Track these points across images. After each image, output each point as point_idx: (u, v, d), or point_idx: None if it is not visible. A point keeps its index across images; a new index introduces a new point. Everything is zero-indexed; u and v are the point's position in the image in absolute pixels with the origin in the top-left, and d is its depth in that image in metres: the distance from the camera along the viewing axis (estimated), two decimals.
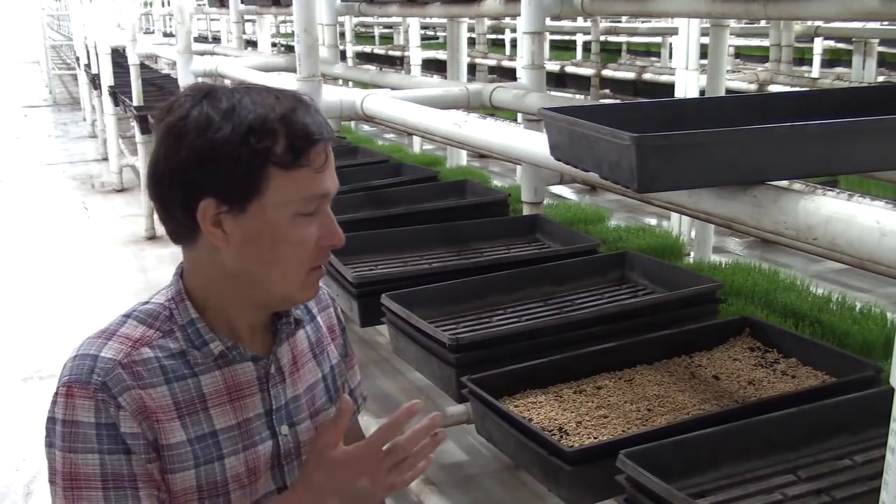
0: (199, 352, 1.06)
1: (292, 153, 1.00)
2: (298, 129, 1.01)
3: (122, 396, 1.00)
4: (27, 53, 21.81)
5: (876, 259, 0.92)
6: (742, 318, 1.98)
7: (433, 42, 10.02)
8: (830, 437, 1.47)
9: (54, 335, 4.07)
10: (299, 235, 1.03)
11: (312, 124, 1.02)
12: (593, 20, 6.93)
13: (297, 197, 1.02)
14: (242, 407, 1.09)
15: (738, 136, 1.07)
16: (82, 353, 1.03)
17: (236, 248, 1.02)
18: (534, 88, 2.50)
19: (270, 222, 1.01)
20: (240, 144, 0.98)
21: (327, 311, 1.27)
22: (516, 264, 2.28)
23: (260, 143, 0.99)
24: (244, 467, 1.08)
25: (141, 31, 7.81)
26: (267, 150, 0.99)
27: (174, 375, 1.05)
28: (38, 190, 7.38)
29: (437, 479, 2.41)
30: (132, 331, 1.06)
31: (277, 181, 1.00)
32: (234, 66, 3.85)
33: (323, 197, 1.04)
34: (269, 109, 1.00)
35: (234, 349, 1.08)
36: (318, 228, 1.05)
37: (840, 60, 6.94)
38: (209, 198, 1.00)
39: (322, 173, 1.03)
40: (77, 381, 1.00)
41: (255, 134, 0.99)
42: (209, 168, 0.99)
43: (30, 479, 2.88)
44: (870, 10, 1.70)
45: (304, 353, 1.19)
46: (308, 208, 1.03)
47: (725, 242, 4.85)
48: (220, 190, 1.00)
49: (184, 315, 1.07)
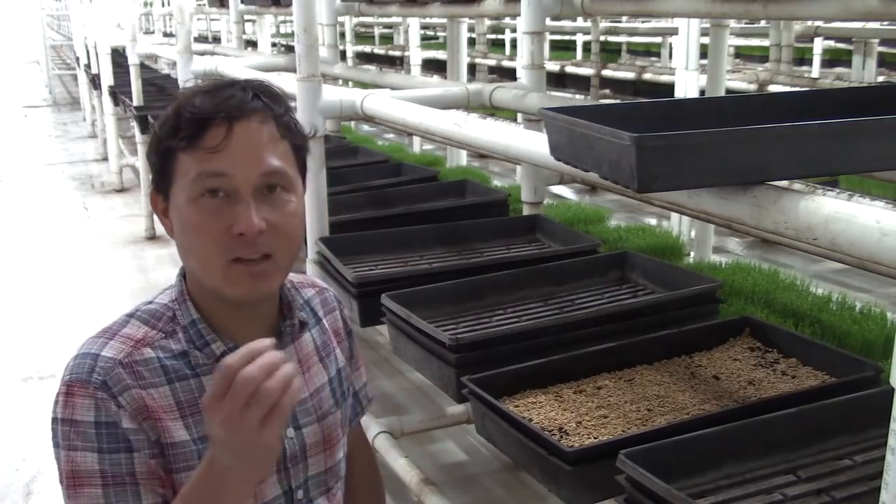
0: (201, 352, 1.06)
1: (188, 133, 1.00)
2: (190, 111, 1.00)
3: (121, 396, 1.00)
4: (27, 53, 21.80)
5: (876, 259, 0.92)
6: (742, 318, 1.98)
7: (433, 42, 10.00)
8: (830, 437, 1.47)
9: (54, 335, 4.07)
10: (200, 220, 1.00)
11: (214, 104, 1.00)
12: (593, 20, 6.93)
13: (190, 178, 1.00)
14: None
15: (738, 136, 1.07)
16: (83, 352, 1.03)
17: (176, 239, 1.06)
18: (534, 88, 2.50)
19: (178, 207, 1.03)
20: (156, 135, 1.04)
21: (333, 314, 1.26)
22: (516, 264, 2.27)
23: (163, 129, 1.02)
24: None
25: (141, 31, 7.81)
26: (170, 136, 1.01)
27: (176, 376, 1.04)
28: (38, 190, 7.37)
29: (437, 479, 2.41)
30: (134, 331, 1.06)
31: (182, 165, 1.02)
32: (233, 66, 3.85)
33: (216, 176, 1.00)
34: (184, 96, 1.03)
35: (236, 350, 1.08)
36: (229, 215, 1.00)
37: (840, 60, 6.94)
38: (153, 189, 1.07)
39: (218, 153, 0.99)
40: (77, 380, 1.00)
41: (165, 122, 1.03)
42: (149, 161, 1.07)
43: (30, 479, 2.88)
44: (870, 10, 1.70)
45: (310, 356, 1.18)
46: (201, 189, 1.00)
47: (725, 242, 4.84)
48: (154, 180, 1.06)
49: (186, 316, 1.08)
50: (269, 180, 1.02)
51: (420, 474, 2.12)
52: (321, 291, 1.26)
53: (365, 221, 2.74)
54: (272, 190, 1.03)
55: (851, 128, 1.09)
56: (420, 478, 2.10)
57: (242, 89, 1.03)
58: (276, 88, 1.08)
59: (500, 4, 2.85)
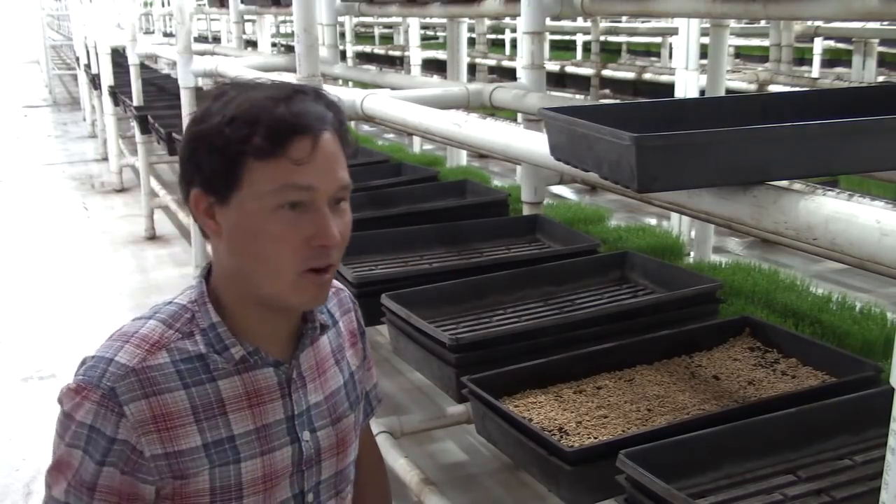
0: (220, 356, 1.05)
1: (269, 143, 0.98)
2: (277, 119, 0.98)
3: (128, 406, 1.00)
4: (27, 53, 21.81)
5: (876, 259, 0.92)
6: (742, 318, 1.98)
7: (433, 42, 10.01)
8: (830, 437, 1.47)
9: (54, 335, 4.06)
10: (280, 230, 0.99)
11: (297, 115, 0.99)
12: (593, 20, 6.93)
13: (272, 188, 0.99)
14: (262, 412, 1.08)
15: (738, 136, 1.07)
16: (100, 354, 1.03)
17: (226, 241, 1.03)
18: (534, 88, 2.50)
19: (250, 214, 1.00)
20: (218, 135, 0.99)
21: (349, 314, 1.25)
22: (516, 264, 2.28)
23: (236, 132, 0.98)
24: (261, 472, 1.07)
25: (141, 31, 7.81)
26: (243, 141, 0.98)
27: (192, 380, 1.04)
28: (38, 190, 7.38)
29: (437, 479, 2.41)
30: (151, 332, 1.05)
31: (256, 172, 0.99)
32: (234, 66, 3.84)
33: (302, 190, 0.99)
34: (257, 100, 1.00)
35: (256, 354, 1.07)
36: (308, 226, 1.00)
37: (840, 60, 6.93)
38: (196, 188, 1.02)
39: (303, 166, 0.99)
40: (87, 383, 1.00)
41: (234, 124, 0.98)
42: (194, 159, 1.02)
43: (30, 479, 2.88)
44: (870, 10, 1.70)
45: (327, 359, 1.18)
46: (283, 200, 0.99)
47: (725, 242, 4.84)
48: (204, 180, 1.01)
49: (205, 318, 1.06)
50: (341, 193, 1.04)
51: (420, 474, 2.12)
52: (337, 292, 1.25)
53: (365, 221, 2.74)
54: (338, 202, 1.05)
55: (851, 128, 1.09)
56: (420, 478, 2.10)
57: (315, 99, 1.03)
58: (336, 98, 1.08)
59: (500, 4, 2.85)
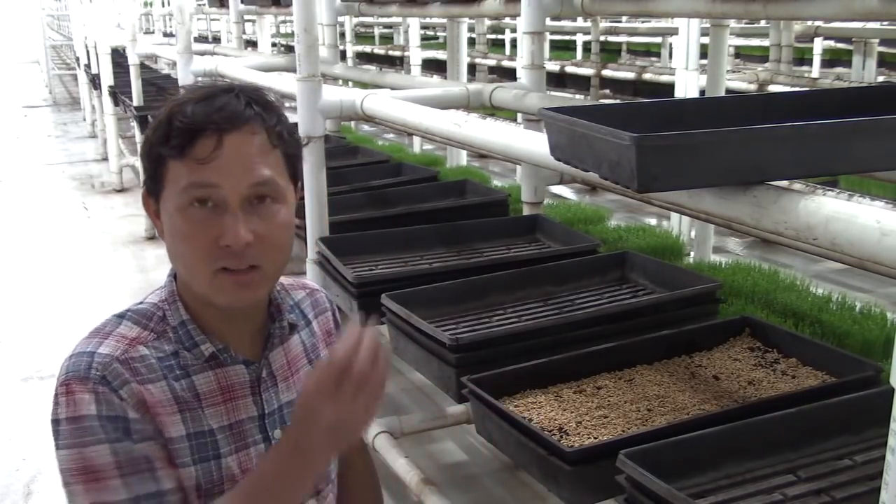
0: (191, 353, 1.07)
1: (178, 143, 1.00)
2: (184, 119, 1.00)
3: (121, 390, 1.00)
4: (27, 53, 21.80)
5: (876, 259, 0.92)
6: (742, 318, 1.98)
7: (433, 42, 10.00)
8: (830, 437, 1.47)
9: (54, 335, 4.06)
10: (188, 229, 1.02)
11: (204, 114, 1.00)
12: (593, 20, 6.92)
13: (180, 187, 1.01)
14: (235, 409, 1.09)
15: (739, 136, 1.07)
16: (78, 351, 1.04)
17: (166, 242, 1.07)
18: (534, 88, 2.50)
19: (170, 214, 1.03)
20: (147, 139, 1.05)
21: (325, 314, 1.26)
22: (516, 264, 2.27)
23: (156, 135, 1.03)
24: (238, 468, 1.08)
25: (141, 31, 7.81)
26: (161, 143, 1.02)
27: (171, 374, 1.05)
28: (38, 190, 7.37)
29: (437, 479, 2.41)
30: (127, 331, 1.07)
31: (172, 172, 1.02)
32: (233, 66, 3.85)
33: (205, 187, 1.00)
34: (177, 102, 1.03)
35: (225, 352, 1.09)
36: (215, 226, 1.01)
37: (840, 60, 6.93)
38: (145, 191, 1.08)
39: (207, 164, 1.00)
40: (75, 378, 1.00)
41: (157, 127, 1.03)
42: (142, 163, 1.09)
43: (30, 479, 2.88)
44: (870, 10, 1.70)
45: (299, 359, 1.19)
46: (189, 198, 1.01)
47: (725, 242, 4.84)
48: (146, 182, 1.07)
49: (175, 316, 1.09)
50: (258, 191, 1.02)
51: (420, 474, 2.12)
52: (312, 293, 1.27)
53: (365, 221, 2.74)
54: (261, 201, 1.03)
55: (851, 128, 1.09)
56: (420, 478, 2.10)
57: (236, 97, 1.03)
58: (269, 96, 1.08)
59: (500, 4, 2.85)
